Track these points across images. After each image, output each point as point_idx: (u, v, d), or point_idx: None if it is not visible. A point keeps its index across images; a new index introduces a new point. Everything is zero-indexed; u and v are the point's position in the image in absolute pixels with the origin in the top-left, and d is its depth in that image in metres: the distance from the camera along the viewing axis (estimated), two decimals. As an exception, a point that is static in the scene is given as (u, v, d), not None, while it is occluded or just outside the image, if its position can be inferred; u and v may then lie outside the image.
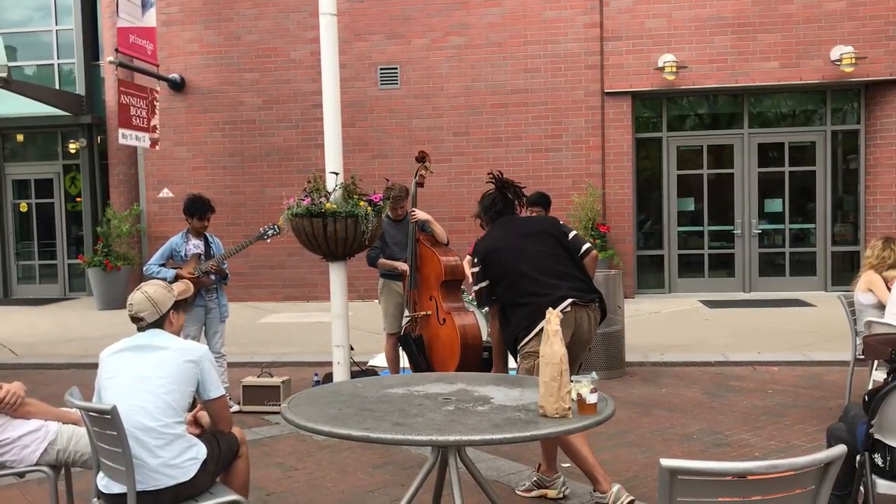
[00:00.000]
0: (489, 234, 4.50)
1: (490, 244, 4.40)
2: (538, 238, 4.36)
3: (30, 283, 15.32)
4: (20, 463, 3.56)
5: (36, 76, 15.20)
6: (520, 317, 4.20)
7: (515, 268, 4.25)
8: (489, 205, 4.55)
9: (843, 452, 2.20)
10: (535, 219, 4.69)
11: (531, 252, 4.30)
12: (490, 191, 4.57)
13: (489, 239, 4.46)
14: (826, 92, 12.59)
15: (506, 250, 4.32)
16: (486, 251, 4.37)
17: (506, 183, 4.55)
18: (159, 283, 3.43)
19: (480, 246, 4.44)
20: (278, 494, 4.64)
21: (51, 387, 7.08)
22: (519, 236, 4.38)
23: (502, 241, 4.37)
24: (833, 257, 12.74)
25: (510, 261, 4.28)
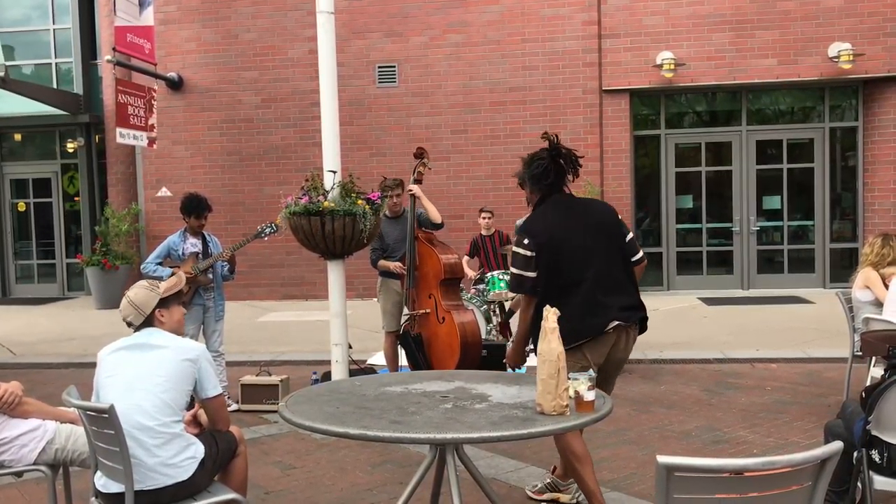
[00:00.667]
0: (545, 215, 3.84)
1: (550, 232, 3.76)
2: (601, 236, 3.82)
3: (28, 282, 15.32)
4: (18, 462, 3.56)
5: (34, 75, 15.18)
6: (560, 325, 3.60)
7: (577, 275, 3.72)
8: (540, 175, 3.86)
9: (840, 449, 2.21)
10: (596, 207, 3.98)
11: (595, 255, 3.76)
12: (540, 155, 3.88)
13: (547, 223, 3.79)
14: (824, 89, 12.59)
15: (570, 248, 3.74)
16: (546, 241, 3.73)
17: (561, 150, 3.87)
18: (143, 285, 3.39)
19: (535, 227, 3.80)
20: (277, 493, 4.64)
21: (49, 386, 7.08)
22: (583, 229, 3.78)
23: (565, 233, 3.76)
24: (831, 254, 12.74)
25: (574, 263, 3.73)
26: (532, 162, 3.89)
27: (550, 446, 5.14)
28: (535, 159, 3.89)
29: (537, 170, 3.86)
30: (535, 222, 3.85)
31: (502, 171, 12.69)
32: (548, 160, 3.84)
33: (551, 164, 3.84)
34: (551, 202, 3.87)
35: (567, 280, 3.71)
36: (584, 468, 3.71)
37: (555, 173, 3.85)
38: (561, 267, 3.72)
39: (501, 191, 12.52)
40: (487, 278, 8.20)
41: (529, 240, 3.74)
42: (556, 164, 3.84)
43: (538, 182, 3.88)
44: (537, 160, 3.87)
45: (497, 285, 8.10)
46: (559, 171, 3.85)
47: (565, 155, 3.86)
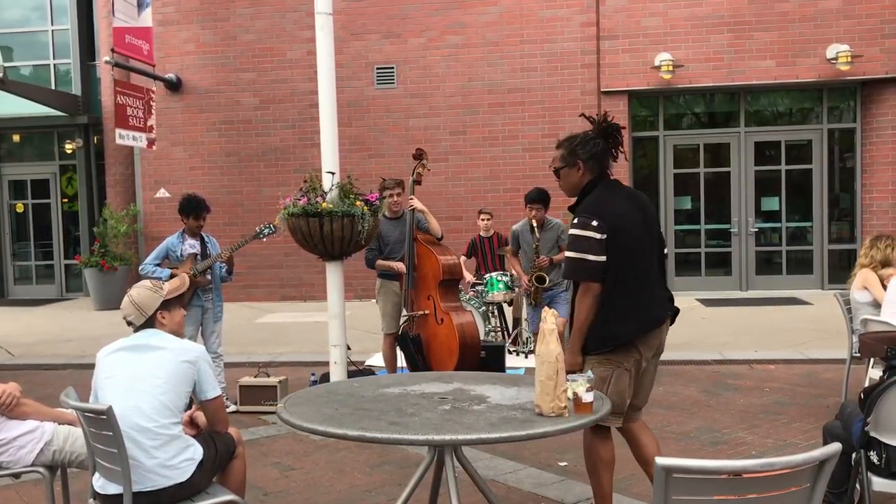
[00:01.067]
0: (609, 199, 3.55)
1: (623, 214, 3.51)
2: (651, 225, 3.65)
3: (26, 283, 15.30)
4: (16, 464, 3.56)
5: (32, 76, 15.17)
6: (620, 319, 3.46)
7: (644, 264, 3.54)
8: (600, 153, 3.60)
9: (838, 450, 2.21)
10: (640, 195, 3.77)
11: (651, 244, 3.60)
12: (592, 132, 3.65)
13: (614, 206, 3.52)
14: (822, 90, 12.60)
15: (638, 235, 3.53)
16: (619, 224, 3.46)
17: (610, 127, 3.63)
18: (146, 285, 3.39)
19: (605, 208, 3.49)
20: (275, 494, 4.63)
21: (48, 387, 7.07)
22: (642, 216, 3.59)
23: (632, 221, 3.53)
24: (830, 255, 12.75)
25: (643, 251, 3.55)
26: (587, 140, 3.60)
27: (549, 447, 5.16)
28: (587, 137, 3.62)
29: (595, 148, 3.58)
30: (603, 203, 3.51)
31: (501, 172, 12.70)
32: (602, 141, 3.61)
33: (605, 146, 3.61)
34: (607, 185, 3.61)
35: (635, 268, 3.48)
36: (605, 473, 3.67)
37: (608, 157, 3.64)
38: (633, 254, 3.47)
39: (500, 192, 12.53)
40: (486, 280, 8.20)
41: (600, 221, 3.41)
42: (608, 143, 3.63)
43: (598, 163, 3.61)
44: (591, 139, 3.60)
45: (496, 286, 8.10)
46: (606, 150, 3.63)
47: (618, 133, 3.63)
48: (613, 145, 3.62)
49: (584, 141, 3.61)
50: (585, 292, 3.46)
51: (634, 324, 3.48)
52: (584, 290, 3.47)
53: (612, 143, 3.62)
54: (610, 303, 3.44)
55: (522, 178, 12.32)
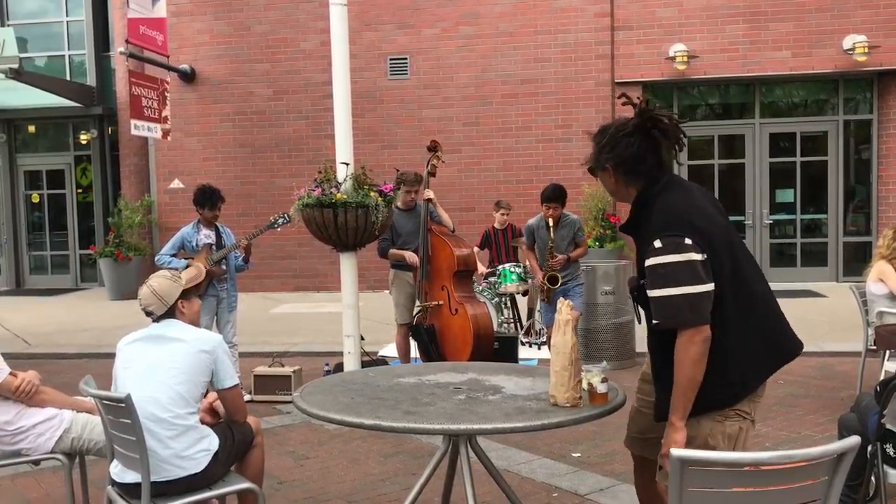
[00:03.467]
0: (690, 202, 2.58)
1: (712, 221, 2.57)
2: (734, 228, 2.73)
3: (42, 273, 15.42)
4: (35, 451, 3.59)
5: (47, 67, 15.25)
6: (748, 358, 2.58)
7: (755, 278, 2.64)
8: (633, 158, 2.64)
9: (857, 443, 2.19)
10: (707, 191, 2.79)
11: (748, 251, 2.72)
12: (623, 128, 2.66)
13: (702, 209, 2.58)
14: (838, 81, 12.50)
15: (740, 243, 2.65)
16: (715, 234, 2.54)
17: (656, 118, 2.63)
18: (165, 275, 3.40)
19: (692, 217, 2.53)
20: (290, 483, 4.66)
21: (63, 376, 7.13)
22: (726, 220, 2.68)
23: (726, 225, 2.64)
24: (845, 248, 12.68)
25: (748, 265, 2.64)
26: (616, 141, 2.65)
27: (563, 439, 5.17)
28: (619, 134, 2.65)
29: (629, 151, 2.63)
30: (687, 210, 2.55)
31: (514, 163, 12.69)
32: (639, 136, 2.62)
33: (645, 142, 2.63)
34: (672, 185, 2.65)
35: (751, 285, 2.59)
36: None
37: (654, 156, 2.64)
38: (744, 272, 2.58)
39: (513, 183, 12.52)
40: (499, 271, 8.21)
41: (694, 236, 2.47)
42: (653, 141, 2.63)
43: (632, 170, 2.66)
44: (623, 137, 2.64)
45: (509, 278, 8.10)
46: (658, 150, 2.64)
47: (662, 125, 2.62)
48: (657, 142, 2.64)
49: (612, 140, 2.67)
50: (691, 340, 2.46)
51: (769, 359, 2.63)
52: (690, 337, 2.46)
53: (655, 138, 2.63)
54: (729, 342, 2.53)
55: (536, 169, 12.32)
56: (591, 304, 7.31)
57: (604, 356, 6.99)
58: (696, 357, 2.46)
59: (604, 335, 7.33)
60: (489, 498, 4.15)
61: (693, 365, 2.46)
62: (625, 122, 2.67)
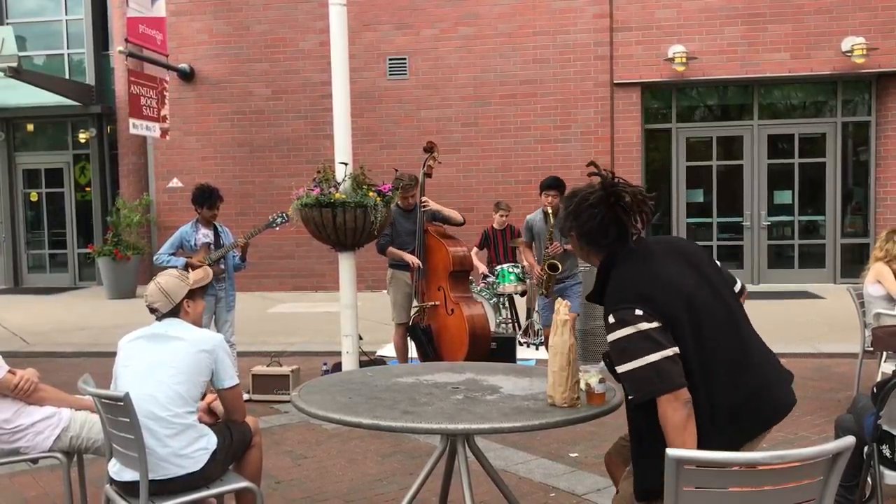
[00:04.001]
0: (642, 270, 2.54)
1: (667, 287, 2.49)
2: (709, 275, 2.62)
3: (40, 272, 15.41)
4: (33, 449, 3.59)
5: (46, 66, 15.24)
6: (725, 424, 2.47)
7: (716, 352, 2.48)
8: (594, 231, 2.60)
9: (852, 444, 2.20)
10: (678, 244, 2.73)
11: (724, 301, 2.61)
12: (589, 199, 2.60)
13: (654, 277, 2.52)
14: (837, 83, 12.52)
15: (704, 303, 2.52)
16: (670, 302, 2.46)
17: (620, 191, 2.58)
18: (173, 273, 3.43)
19: (640, 283, 2.51)
20: (287, 482, 4.67)
21: (61, 375, 7.12)
22: (696, 273, 2.58)
23: (688, 285, 2.52)
24: (842, 249, 12.70)
25: (717, 325, 2.51)
26: (580, 211, 2.60)
27: (560, 439, 5.18)
28: (583, 205, 2.59)
29: (590, 223, 2.58)
30: (636, 280, 2.52)
31: (512, 164, 12.70)
32: (602, 209, 2.56)
33: (608, 215, 2.56)
34: (630, 255, 2.59)
35: (710, 356, 2.47)
36: None
37: (616, 227, 2.57)
38: (705, 337, 2.47)
39: (511, 184, 12.52)
40: (497, 271, 8.22)
41: (641, 307, 2.43)
42: (622, 213, 2.56)
43: (594, 240, 2.63)
44: (587, 207, 2.58)
45: (507, 278, 8.11)
46: (621, 223, 2.56)
47: (628, 198, 2.56)
48: (627, 214, 2.56)
49: (577, 209, 2.61)
50: (670, 406, 2.37)
51: (737, 428, 2.48)
52: (667, 404, 2.37)
53: (625, 211, 2.55)
54: (704, 410, 2.43)
55: (534, 169, 12.31)
56: (589, 305, 7.31)
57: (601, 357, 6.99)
58: (678, 423, 2.37)
59: (601, 336, 7.34)
60: (487, 498, 4.16)
61: (678, 432, 2.37)
62: (590, 191, 2.61)
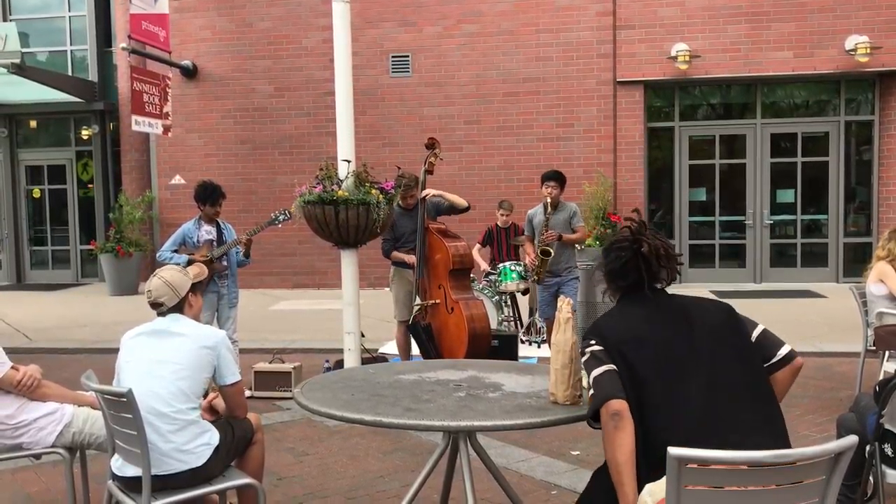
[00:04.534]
0: (621, 310, 2.74)
1: (626, 327, 2.63)
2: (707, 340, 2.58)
3: (42, 268, 15.43)
4: (36, 445, 3.60)
5: (49, 62, 15.25)
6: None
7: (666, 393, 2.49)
8: (617, 271, 2.73)
9: (855, 443, 2.20)
10: (702, 305, 2.71)
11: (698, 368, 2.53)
12: (621, 242, 2.74)
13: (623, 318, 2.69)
14: (840, 82, 12.50)
15: (659, 353, 2.54)
16: (616, 336, 2.60)
17: (650, 243, 2.70)
18: (175, 268, 3.45)
19: (603, 323, 2.72)
20: (289, 479, 4.68)
21: (64, 371, 7.13)
22: (681, 334, 2.59)
23: (650, 331, 2.60)
24: (845, 248, 12.68)
25: (662, 374, 2.51)
26: (609, 250, 2.77)
27: (562, 437, 5.18)
28: (613, 245, 2.76)
29: (614, 264, 2.72)
30: (605, 318, 2.75)
31: (515, 162, 12.69)
32: (627, 254, 2.70)
33: (634, 260, 2.68)
34: (627, 300, 2.74)
35: (651, 398, 2.48)
36: None
37: (636, 273, 2.67)
38: (640, 374, 2.51)
39: (514, 182, 12.52)
40: (499, 269, 8.22)
41: (595, 338, 2.63)
42: (642, 261, 2.67)
43: (613, 280, 2.75)
44: (615, 248, 2.74)
45: (509, 276, 8.11)
46: (644, 271, 2.67)
47: (655, 250, 2.68)
48: (646, 263, 2.66)
49: (607, 248, 2.79)
50: (602, 418, 2.47)
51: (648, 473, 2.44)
52: (605, 414, 2.46)
53: (645, 260, 2.67)
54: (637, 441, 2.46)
55: (537, 167, 12.28)
56: (591, 303, 7.32)
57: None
58: (606, 434, 2.46)
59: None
60: (488, 495, 4.17)
61: (607, 443, 2.45)
62: (624, 235, 2.75)
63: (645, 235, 2.70)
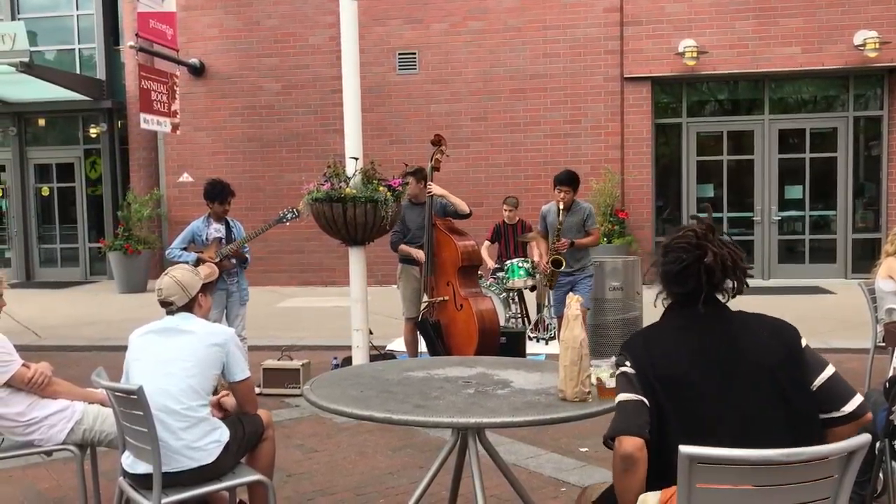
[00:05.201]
0: (663, 328, 2.44)
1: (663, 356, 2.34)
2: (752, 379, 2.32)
3: (52, 266, 15.50)
4: (47, 442, 3.62)
5: (57, 61, 15.31)
6: None
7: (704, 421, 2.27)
8: (674, 275, 2.37)
9: (867, 442, 2.17)
10: (758, 328, 2.49)
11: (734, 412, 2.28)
12: (683, 243, 2.38)
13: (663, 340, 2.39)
14: (848, 77, 12.45)
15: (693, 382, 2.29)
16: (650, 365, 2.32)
17: (716, 249, 2.36)
18: (186, 268, 3.46)
19: (636, 342, 2.44)
20: (298, 475, 4.69)
21: (73, 369, 7.15)
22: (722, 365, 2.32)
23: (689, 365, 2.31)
24: (854, 244, 12.64)
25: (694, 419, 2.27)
26: (669, 249, 2.41)
27: (569, 433, 5.18)
28: (673, 244, 2.41)
29: (672, 266, 2.37)
30: (644, 339, 2.44)
31: (522, 158, 12.68)
32: (690, 258, 2.35)
33: (695, 266, 2.35)
34: (684, 314, 2.40)
35: (674, 441, 2.14)
36: None
37: (696, 281, 2.35)
38: (666, 418, 2.27)
39: (521, 178, 12.51)
40: (507, 266, 8.22)
41: (630, 360, 2.36)
42: (704, 270, 2.34)
43: (668, 285, 2.42)
44: (676, 249, 2.39)
45: (516, 273, 8.10)
46: (705, 282, 2.34)
47: (721, 260, 2.36)
48: (709, 274, 2.34)
49: (666, 246, 2.43)
50: (619, 458, 2.24)
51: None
52: (616, 451, 2.25)
53: (723, 272, 2.36)
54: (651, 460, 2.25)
55: (544, 164, 12.31)
56: (600, 299, 7.31)
57: (613, 351, 6.99)
58: (615, 473, 2.27)
59: (612, 330, 7.33)
60: (497, 492, 4.17)
61: (615, 481, 2.28)
62: (689, 235, 2.41)
63: (711, 242, 2.37)
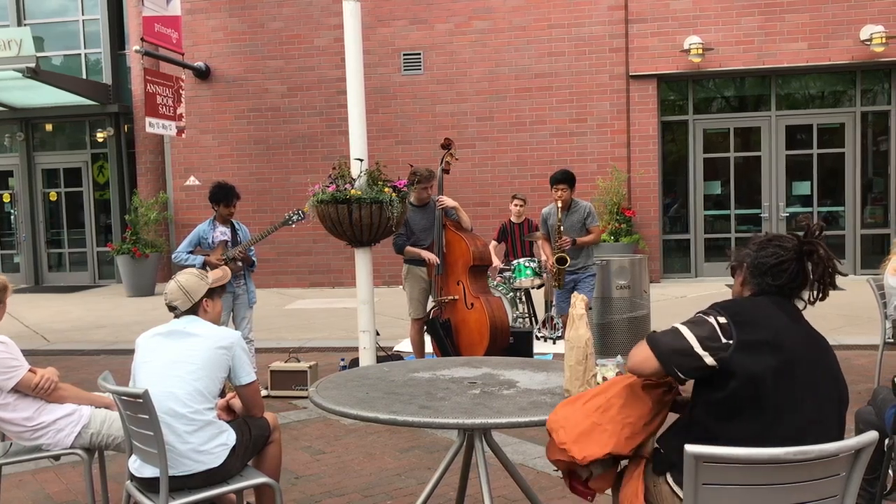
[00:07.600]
0: (768, 305, 2.39)
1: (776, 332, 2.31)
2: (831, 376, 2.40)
3: (60, 270, 15.57)
4: (55, 446, 3.63)
5: (63, 66, 15.37)
6: None
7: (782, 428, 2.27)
8: (770, 269, 2.41)
9: (875, 439, 2.17)
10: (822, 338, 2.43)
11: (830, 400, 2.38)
12: (783, 243, 2.44)
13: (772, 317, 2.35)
14: (855, 72, 12.39)
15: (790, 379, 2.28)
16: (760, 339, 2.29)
17: (819, 249, 2.42)
18: (193, 272, 3.45)
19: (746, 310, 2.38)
20: (306, 477, 4.69)
21: (81, 372, 7.20)
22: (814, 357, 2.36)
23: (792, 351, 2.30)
24: (862, 240, 12.58)
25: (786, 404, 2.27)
26: (766, 244, 2.46)
27: (578, 433, 5.15)
28: (773, 241, 2.45)
29: (769, 259, 2.42)
30: (750, 306, 2.41)
31: (528, 157, 12.67)
32: (790, 254, 2.41)
33: (793, 261, 2.41)
34: (774, 300, 2.42)
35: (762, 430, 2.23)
36: None
37: (790, 278, 2.41)
38: (765, 403, 2.26)
39: (527, 178, 12.50)
40: (514, 265, 8.20)
41: (728, 319, 2.33)
42: (801, 267, 2.42)
43: (759, 275, 2.44)
44: (776, 246, 2.43)
45: (523, 273, 8.09)
46: (800, 279, 2.42)
47: (823, 263, 2.43)
48: (805, 276, 2.43)
49: (763, 242, 2.47)
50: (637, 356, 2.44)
51: None
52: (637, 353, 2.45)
53: (816, 273, 2.43)
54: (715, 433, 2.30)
55: (550, 163, 12.28)
56: (606, 298, 7.30)
57: (618, 350, 6.98)
58: (631, 363, 2.49)
59: (618, 329, 7.32)
60: (504, 492, 4.16)
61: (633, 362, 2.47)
62: (787, 239, 2.46)
63: (818, 245, 2.42)
